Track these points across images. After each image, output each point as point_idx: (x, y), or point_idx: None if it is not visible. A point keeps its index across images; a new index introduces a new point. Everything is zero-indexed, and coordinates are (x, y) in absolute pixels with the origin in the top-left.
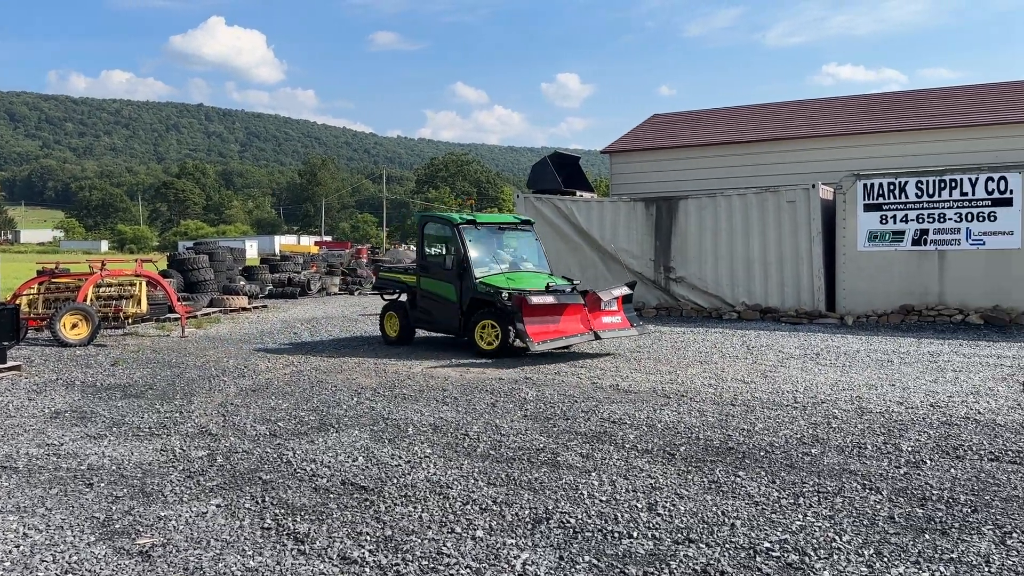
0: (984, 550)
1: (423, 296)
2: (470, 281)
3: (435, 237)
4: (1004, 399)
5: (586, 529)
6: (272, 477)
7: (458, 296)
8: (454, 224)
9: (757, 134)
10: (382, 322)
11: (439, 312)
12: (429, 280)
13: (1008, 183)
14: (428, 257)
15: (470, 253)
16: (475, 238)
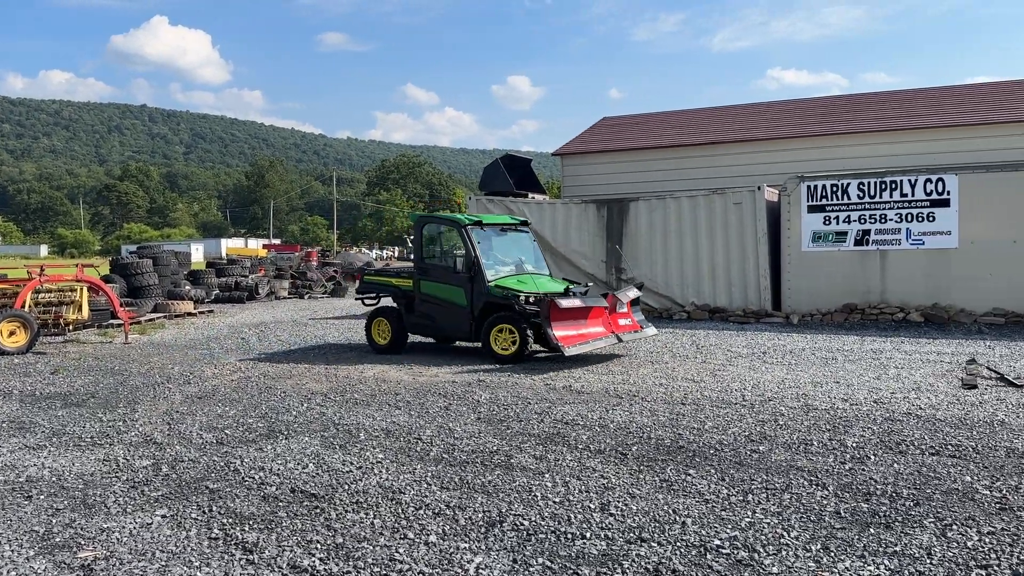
0: (926, 542)
1: (423, 301)
2: (482, 284)
3: (436, 239)
4: (944, 395)
5: (540, 531)
6: (219, 486)
7: (468, 300)
8: (461, 225)
9: (705, 137)
10: (369, 330)
11: (445, 317)
12: (431, 284)
13: (945, 184)
14: (428, 260)
15: (481, 255)
16: (482, 240)
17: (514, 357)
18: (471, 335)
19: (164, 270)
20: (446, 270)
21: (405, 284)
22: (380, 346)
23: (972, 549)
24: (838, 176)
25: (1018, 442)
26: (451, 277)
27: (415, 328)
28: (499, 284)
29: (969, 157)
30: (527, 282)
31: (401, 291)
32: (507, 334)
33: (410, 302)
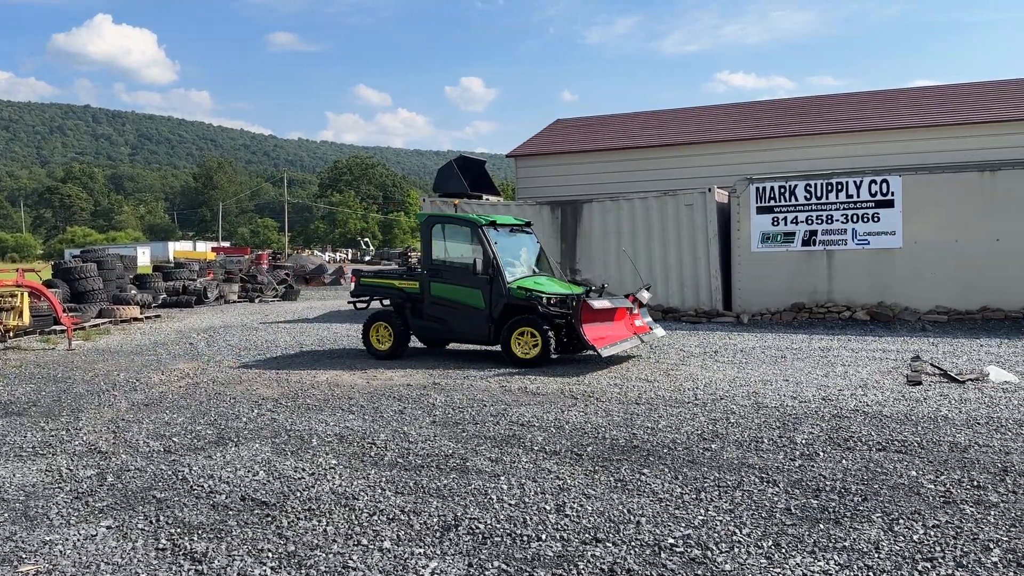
0: (874, 537)
1: (434, 304)
2: (501, 286)
3: (447, 240)
4: (890, 391)
5: (495, 534)
6: (167, 495)
7: (487, 303)
8: (478, 226)
9: (657, 139)
10: (367, 335)
11: (460, 321)
12: (444, 286)
13: (890, 185)
14: (439, 261)
15: (499, 256)
16: (498, 240)
17: (536, 361)
18: (489, 338)
19: (109, 274)
20: (461, 271)
21: (410, 286)
22: (380, 352)
23: (918, 542)
24: (786, 178)
25: (961, 437)
26: (467, 279)
27: (423, 332)
28: (521, 285)
29: (912, 159)
30: (544, 283)
31: (405, 294)
32: (528, 337)
33: (416, 305)
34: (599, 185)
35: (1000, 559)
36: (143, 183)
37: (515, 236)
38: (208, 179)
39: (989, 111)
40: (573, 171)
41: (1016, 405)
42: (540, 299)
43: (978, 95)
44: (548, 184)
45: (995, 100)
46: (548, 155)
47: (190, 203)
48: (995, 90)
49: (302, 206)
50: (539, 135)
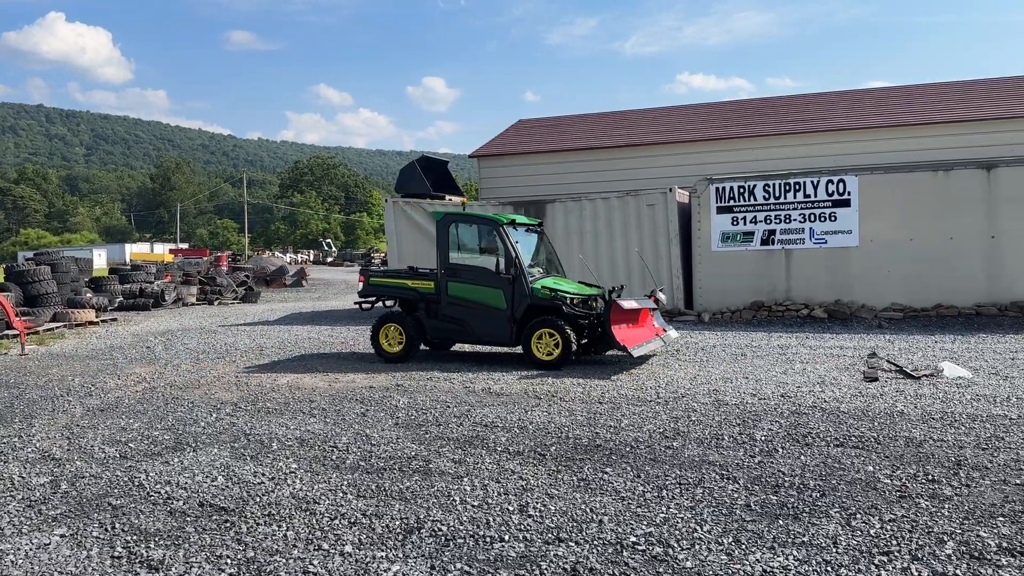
0: (832, 532)
1: (452, 304)
2: (524, 287)
3: (466, 239)
4: (847, 388)
5: (458, 536)
6: (123, 502)
7: (508, 303)
8: (499, 225)
9: (619, 140)
10: (376, 337)
11: (479, 322)
12: (462, 286)
13: (847, 185)
14: (457, 261)
15: (521, 256)
16: (519, 240)
17: (557, 363)
18: (511, 340)
19: (64, 277)
20: (481, 271)
21: (425, 286)
22: (391, 355)
23: (875, 536)
24: (745, 178)
25: (916, 432)
26: (488, 279)
27: (439, 333)
28: (544, 285)
29: (869, 159)
30: (564, 284)
31: (419, 294)
32: (548, 338)
33: (431, 306)
34: (562, 185)
35: (954, 551)
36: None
37: (529, 236)
38: (166, 180)
39: (944, 112)
40: (536, 171)
41: (969, 400)
42: (565, 300)
43: (933, 96)
44: (511, 184)
45: (949, 101)
46: (511, 155)
47: (147, 204)
48: (950, 91)
49: (262, 207)
50: (502, 135)
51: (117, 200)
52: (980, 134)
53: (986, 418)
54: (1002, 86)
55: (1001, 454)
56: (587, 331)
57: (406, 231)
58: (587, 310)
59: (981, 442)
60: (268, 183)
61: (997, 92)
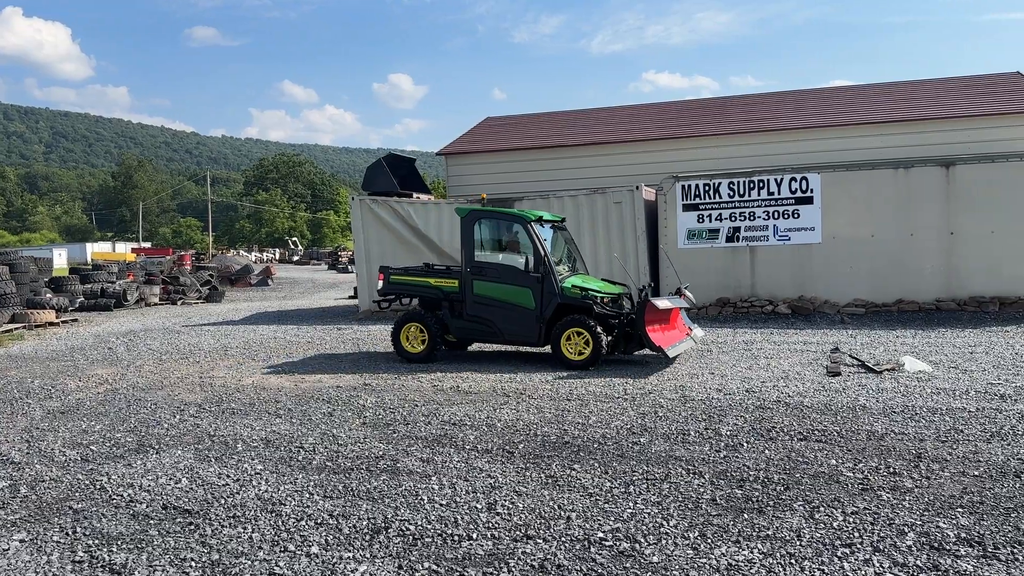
0: (795, 525)
1: (477, 303)
2: (553, 286)
3: (491, 236)
4: (810, 382)
5: (426, 535)
6: (84, 506)
7: (537, 302)
8: (528, 221)
9: (586, 137)
10: (397, 337)
11: (507, 321)
12: (488, 284)
13: (809, 183)
14: (483, 259)
15: (549, 254)
16: (547, 238)
17: (588, 362)
18: (539, 340)
19: (22, 277)
20: (509, 269)
21: (449, 285)
22: (412, 355)
23: (838, 529)
24: (710, 176)
25: (878, 425)
26: (516, 277)
27: (464, 333)
28: (574, 284)
29: (831, 157)
30: (592, 282)
31: (443, 293)
32: (578, 338)
33: (455, 305)
34: (530, 183)
35: (914, 542)
36: (59, 182)
37: (555, 233)
38: (128, 178)
39: (904, 111)
40: (504, 169)
41: (929, 394)
42: (595, 299)
43: (894, 95)
44: (479, 182)
45: (910, 100)
46: (479, 153)
47: (109, 203)
48: (910, 90)
49: (227, 205)
50: (469, 133)
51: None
52: (939, 132)
53: (946, 411)
54: (960, 85)
55: (960, 446)
56: (616, 330)
57: (373, 229)
58: (617, 309)
59: (941, 435)
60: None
61: (956, 91)
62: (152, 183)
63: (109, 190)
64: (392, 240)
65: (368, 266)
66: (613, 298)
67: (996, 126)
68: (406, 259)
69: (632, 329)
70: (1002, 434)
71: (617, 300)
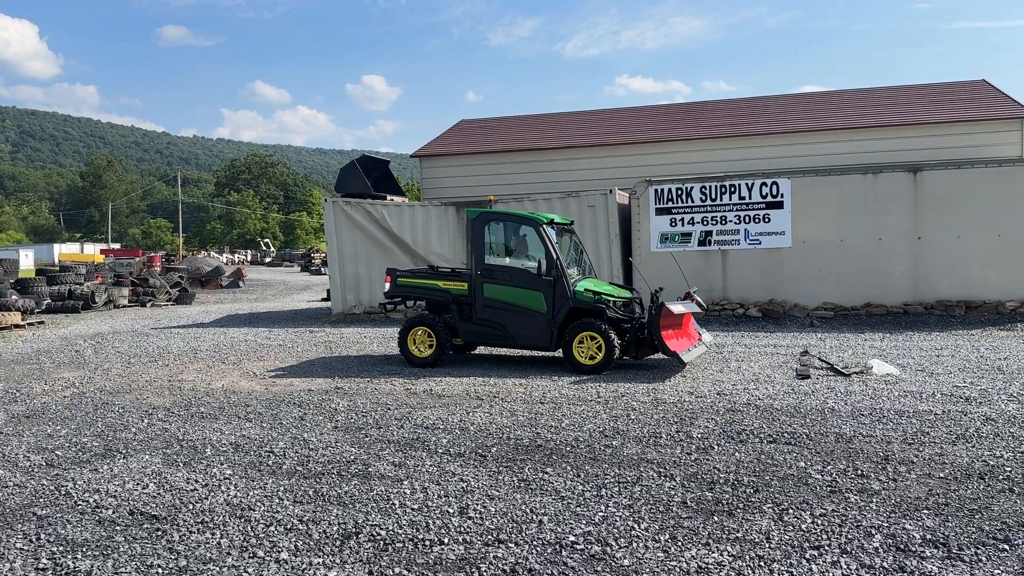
0: (765, 527)
1: (488, 307)
2: (565, 289)
3: (502, 239)
4: (780, 385)
5: (397, 540)
6: (49, 512)
7: (549, 306)
8: (540, 224)
9: (560, 141)
10: (404, 341)
11: (517, 325)
12: (499, 287)
13: (780, 188)
14: (493, 261)
15: (561, 257)
16: (557, 240)
17: (600, 367)
18: (551, 344)
19: None
20: (520, 272)
21: (458, 288)
22: (419, 359)
23: (806, 531)
24: (683, 180)
25: (846, 428)
26: (527, 280)
27: (473, 337)
28: (587, 288)
29: (801, 162)
30: (603, 286)
31: (452, 295)
32: (590, 342)
33: (464, 308)
34: (504, 186)
35: (881, 544)
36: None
37: (563, 236)
38: (97, 178)
39: (873, 116)
40: (478, 172)
41: (897, 396)
42: (608, 303)
43: (863, 101)
44: (453, 185)
45: (879, 106)
46: (453, 155)
47: (77, 203)
48: (879, 97)
49: (197, 206)
50: (444, 135)
51: (45, 199)
52: (908, 138)
53: (912, 414)
54: (929, 92)
55: (926, 448)
56: (628, 335)
57: (346, 231)
58: (629, 313)
59: (908, 437)
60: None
61: (924, 98)
62: (122, 183)
63: (78, 190)
64: (366, 242)
65: (341, 268)
66: (625, 302)
67: (963, 132)
68: (381, 260)
69: (643, 334)
70: (967, 436)
71: (628, 304)
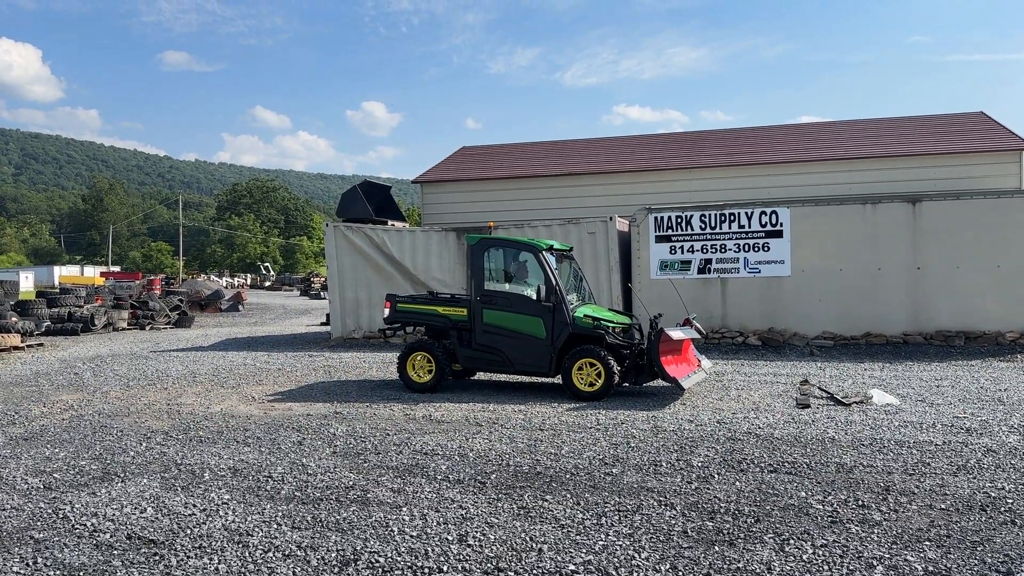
0: (766, 558)
1: (487, 332)
2: (565, 315)
3: (501, 265)
4: (780, 414)
5: (396, 567)
6: (46, 535)
7: (549, 332)
8: (539, 250)
9: (561, 168)
10: (403, 366)
11: (517, 350)
12: (498, 313)
13: (779, 216)
14: (492, 287)
15: (561, 283)
16: (557, 267)
17: (599, 394)
18: (550, 370)
19: None
20: (520, 298)
21: (457, 313)
22: (419, 384)
23: (807, 562)
24: (682, 208)
25: (847, 458)
26: (526, 306)
27: (472, 362)
28: (586, 314)
29: (800, 191)
30: (603, 312)
31: (451, 321)
32: (590, 368)
33: (463, 334)
34: (505, 212)
35: (883, 575)
36: (27, 204)
37: (563, 262)
38: (98, 201)
39: (872, 147)
40: (479, 198)
41: (897, 427)
42: (607, 329)
43: (862, 132)
44: (454, 211)
45: (877, 137)
46: (454, 182)
47: (78, 226)
48: (877, 128)
49: (198, 229)
50: (445, 162)
51: (47, 221)
52: (907, 169)
53: (913, 444)
54: (927, 124)
55: (927, 479)
56: (627, 361)
57: (347, 256)
58: (628, 339)
59: (908, 468)
60: (205, 205)
61: (923, 130)
62: (123, 206)
63: (79, 213)
64: (366, 267)
65: (341, 293)
66: (624, 328)
67: (962, 164)
68: (380, 286)
69: (643, 360)
70: (968, 467)
71: (628, 330)
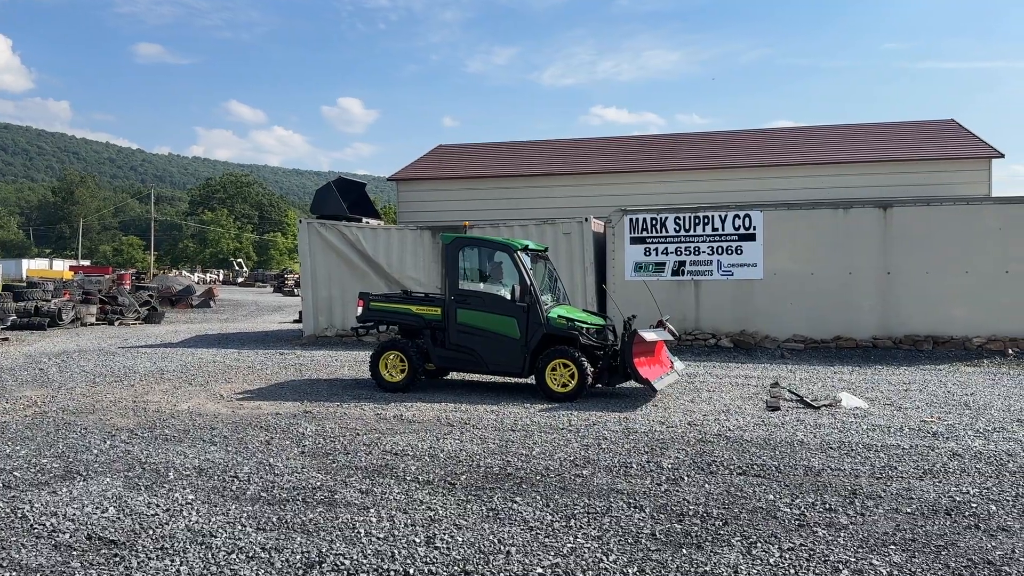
0: (733, 561)
1: (461, 332)
2: (539, 315)
3: (475, 264)
4: (751, 416)
5: (361, 570)
6: (3, 535)
7: (523, 332)
8: (514, 250)
9: (537, 168)
10: (376, 365)
11: (491, 350)
12: (472, 313)
13: (752, 220)
14: (467, 286)
15: (536, 284)
16: (532, 267)
17: (572, 395)
18: (524, 370)
19: None
20: (494, 298)
21: (431, 312)
22: (391, 384)
23: (774, 565)
24: (658, 210)
25: (815, 461)
26: (500, 306)
27: (446, 362)
28: (560, 315)
29: (773, 195)
30: (577, 313)
31: (425, 320)
32: (563, 369)
33: (437, 333)
34: (480, 211)
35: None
36: None
37: (538, 263)
38: (68, 193)
39: (845, 153)
40: (455, 197)
41: (865, 430)
42: (581, 330)
43: (835, 137)
44: (429, 208)
45: (850, 143)
46: (431, 180)
47: (48, 219)
48: (850, 133)
49: (171, 224)
50: (421, 160)
51: (15, 213)
52: (878, 175)
53: (881, 448)
54: (899, 130)
55: (894, 483)
56: (601, 362)
57: (321, 253)
58: (602, 340)
59: (876, 471)
60: (177, 199)
61: (895, 136)
62: (94, 199)
63: (49, 205)
64: (340, 264)
65: (314, 290)
66: (598, 329)
67: (932, 171)
68: (355, 282)
69: (616, 361)
70: (934, 471)
71: (602, 331)
